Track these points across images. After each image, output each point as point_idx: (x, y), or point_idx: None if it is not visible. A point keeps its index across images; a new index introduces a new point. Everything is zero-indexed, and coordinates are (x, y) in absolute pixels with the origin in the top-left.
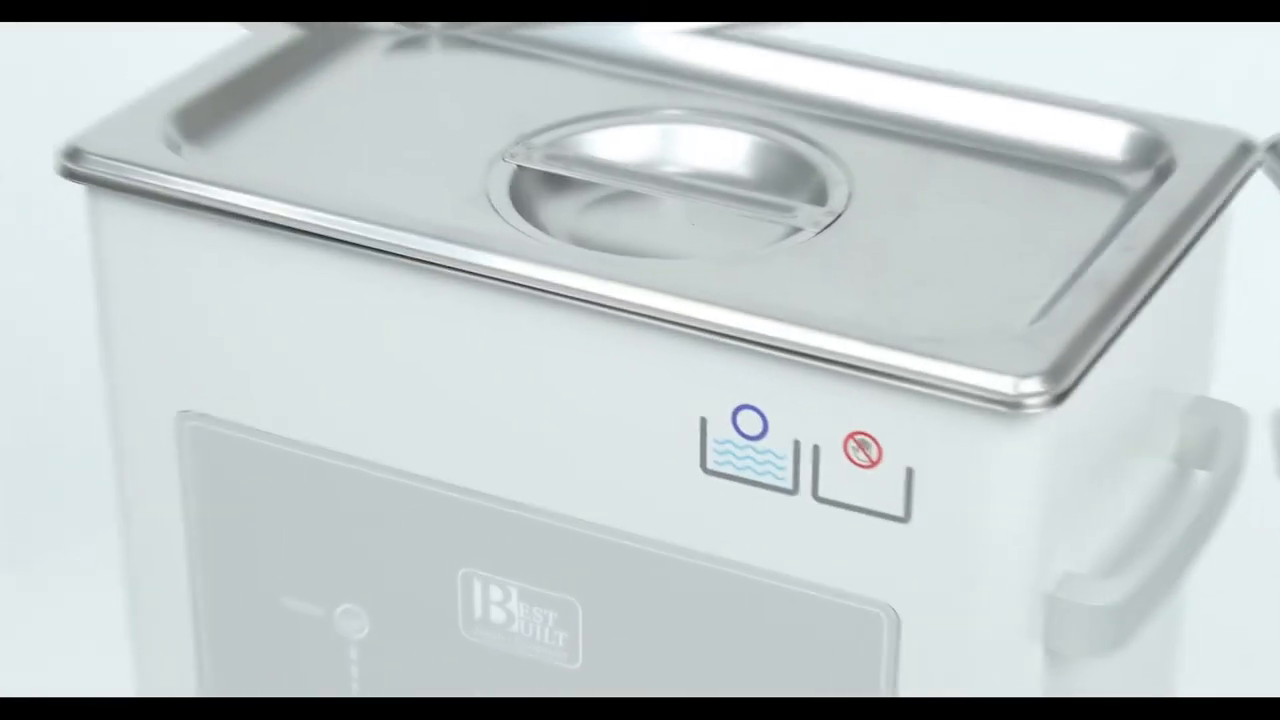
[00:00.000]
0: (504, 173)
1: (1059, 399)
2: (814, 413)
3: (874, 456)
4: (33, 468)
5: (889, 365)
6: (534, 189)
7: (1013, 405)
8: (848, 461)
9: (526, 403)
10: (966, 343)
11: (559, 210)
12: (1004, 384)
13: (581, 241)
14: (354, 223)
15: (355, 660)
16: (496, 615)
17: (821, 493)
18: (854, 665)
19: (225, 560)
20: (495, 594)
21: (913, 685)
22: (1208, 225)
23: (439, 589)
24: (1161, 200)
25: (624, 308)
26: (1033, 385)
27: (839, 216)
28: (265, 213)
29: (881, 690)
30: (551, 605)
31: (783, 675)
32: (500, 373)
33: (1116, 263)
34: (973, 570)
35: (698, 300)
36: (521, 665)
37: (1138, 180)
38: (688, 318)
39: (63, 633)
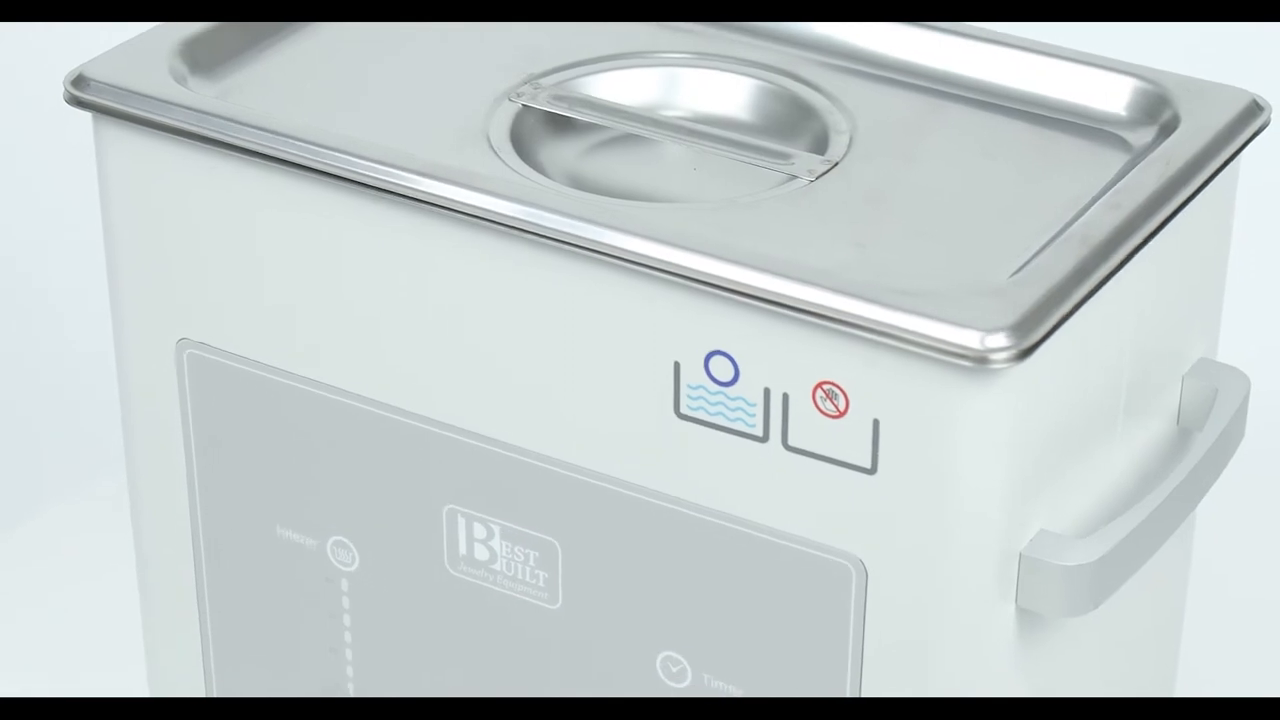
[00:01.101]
0: (508, 113)
1: (1025, 354)
2: (783, 361)
3: (841, 407)
4: (46, 403)
5: (856, 316)
6: (538, 130)
7: (978, 360)
8: (816, 411)
9: (508, 342)
10: (935, 296)
11: (561, 152)
12: (969, 338)
13: (580, 184)
14: (345, 158)
15: (346, 592)
16: (480, 553)
17: (791, 441)
18: (822, 615)
19: (223, 488)
20: (479, 531)
21: (880, 639)
22: (1205, 184)
23: (424, 525)
24: (1159, 158)
25: (599, 249)
26: (999, 340)
27: (835, 165)
28: (264, 146)
29: (850, 642)
30: (533, 545)
31: (754, 623)
32: (484, 311)
33: (1102, 219)
34: (940, 525)
35: (670, 244)
36: (504, 603)
37: (1142, 137)
38: (660, 261)
39: (73, 569)
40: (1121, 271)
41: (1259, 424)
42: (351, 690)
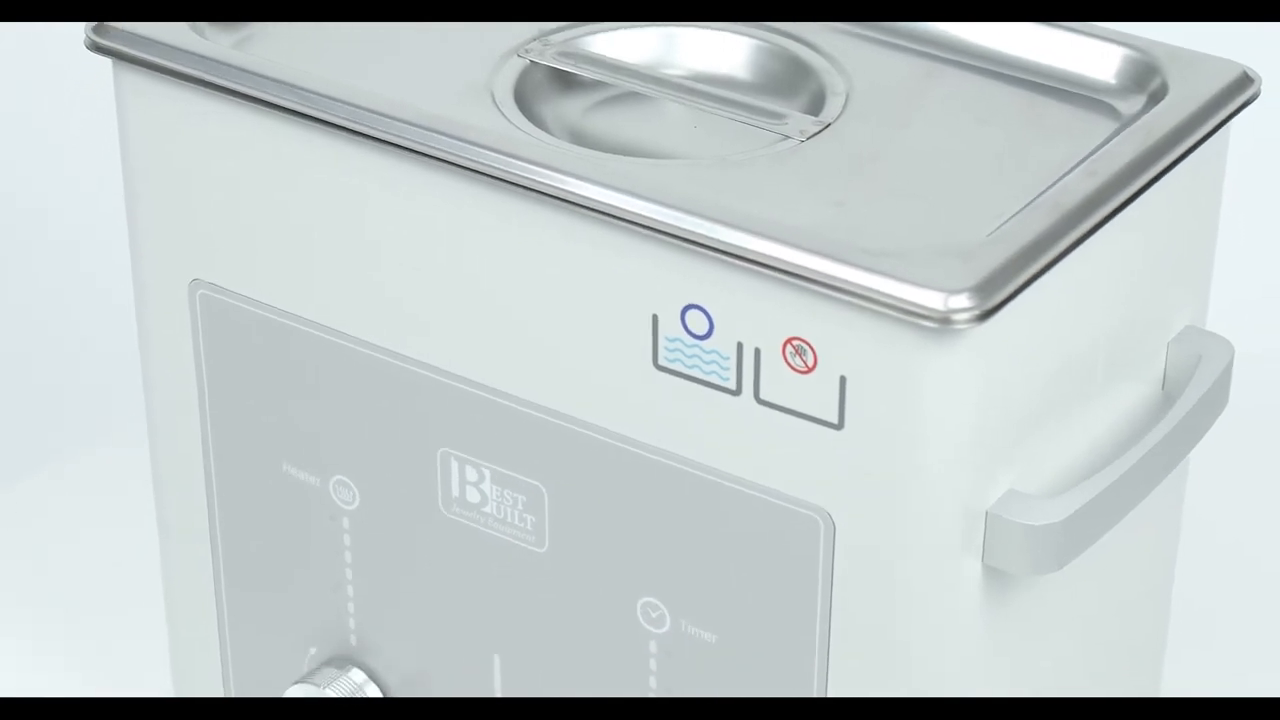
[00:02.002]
0: (515, 69)
1: (987, 315)
2: (755, 316)
3: (810, 363)
4: (73, 347)
5: (822, 274)
6: (543, 86)
7: (942, 320)
8: (786, 366)
9: (497, 290)
10: (902, 256)
11: (565, 108)
12: (933, 299)
13: (581, 140)
14: (347, 108)
15: (347, 530)
16: (472, 495)
17: (762, 395)
18: (792, 566)
19: (234, 426)
20: (470, 474)
21: (848, 590)
22: (1188, 153)
23: (420, 466)
24: (1142, 127)
25: (581, 202)
26: (961, 301)
27: (828, 126)
28: (273, 96)
29: (818, 593)
30: (521, 489)
31: (728, 572)
32: (474, 261)
33: (1076, 186)
34: (905, 481)
35: (646, 199)
36: (495, 545)
37: (1132, 105)
38: (636, 215)
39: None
40: (1094, 237)
41: (1253, 393)
42: (352, 625)
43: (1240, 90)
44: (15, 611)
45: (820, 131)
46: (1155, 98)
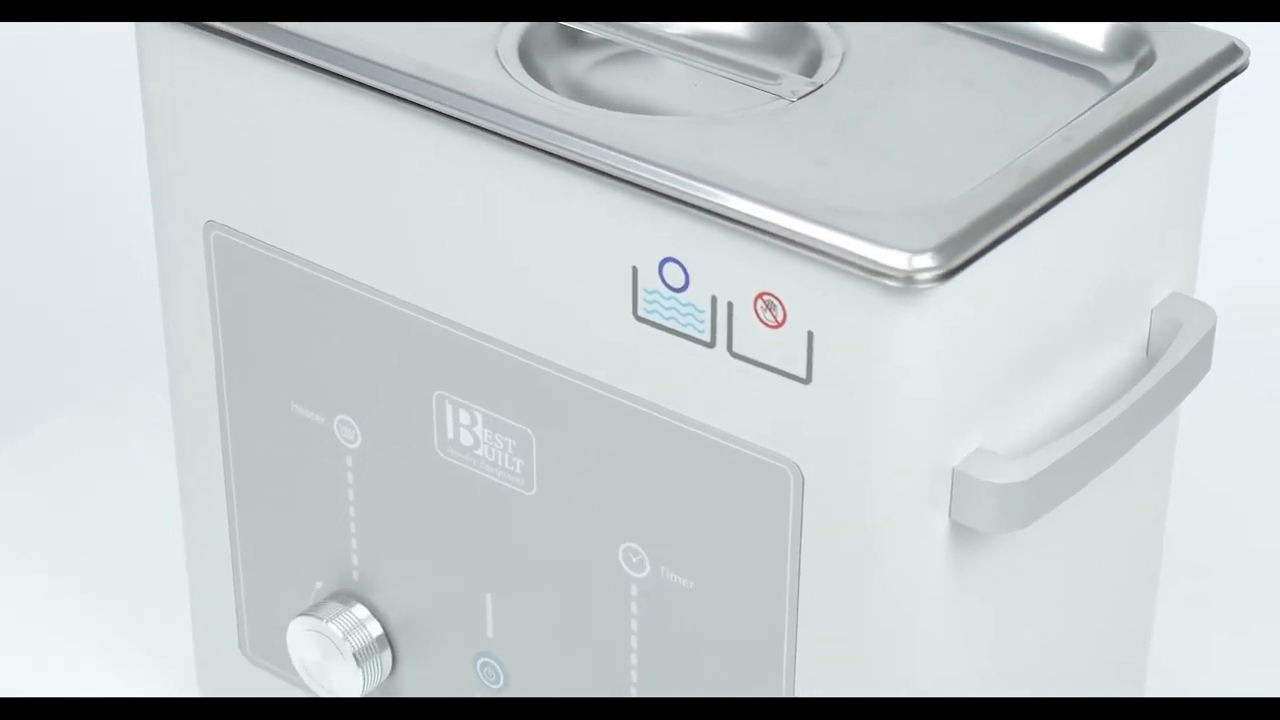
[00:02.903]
0: (520, 26)
1: (948, 275)
2: (728, 270)
3: (779, 318)
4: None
5: (791, 231)
6: (549, 44)
7: (905, 279)
8: (757, 321)
9: (489, 238)
10: (870, 216)
11: (570, 65)
12: (895, 258)
13: (582, 96)
14: (350, 59)
15: (350, 468)
16: (465, 438)
17: (735, 348)
18: (764, 517)
19: (246, 365)
20: (464, 418)
21: (818, 542)
22: (1168, 123)
23: (416, 408)
24: (1123, 95)
25: (565, 155)
26: (924, 261)
27: (820, 87)
28: (284, 48)
29: (789, 544)
30: (510, 433)
31: (704, 520)
32: (467, 210)
33: (1049, 152)
34: (870, 437)
35: (627, 154)
36: (487, 488)
37: (1120, 73)
38: (616, 169)
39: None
40: (1066, 203)
41: (1254, 361)
42: (355, 561)
43: (1228, 61)
44: (44, 548)
45: (811, 92)
46: (1143, 66)
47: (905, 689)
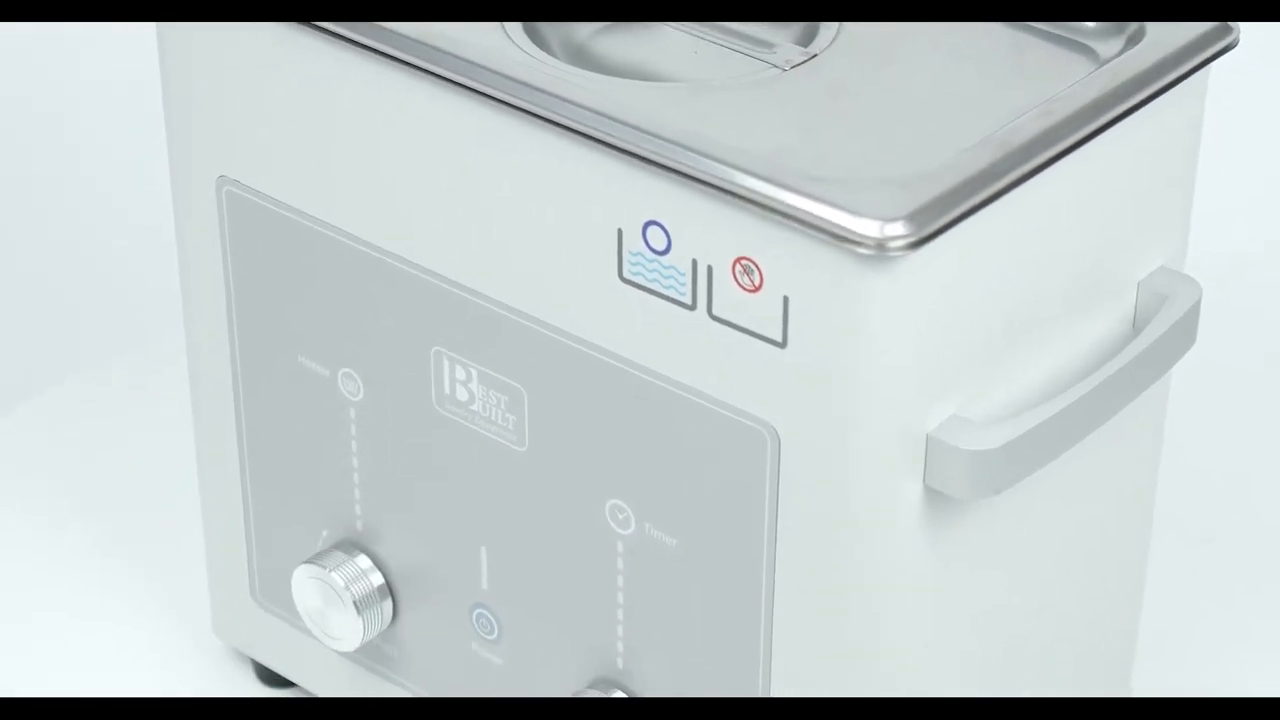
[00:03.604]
0: None
1: (919, 243)
2: (707, 234)
3: (756, 282)
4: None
5: (766, 197)
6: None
7: (876, 246)
8: (735, 285)
9: (483, 198)
10: (845, 184)
11: (573, 32)
12: (867, 225)
13: (582, 62)
14: (356, 23)
15: (353, 420)
16: (461, 393)
17: (715, 311)
18: (743, 477)
19: (256, 317)
20: (460, 373)
21: (794, 502)
22: (1153, 98)
23: (415, 363)
24: (1109, 70)
25: (552, 118)
26: (896, 229)
27: (813, 57)
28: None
29: (766, 504)
30: (503, 390)
31: (686, 479)
32: (464, 171)
33: (1028, 125)
34: (843, 401)
35: (610, 118)
36: (481, 443)
37: (1110, 48)
38: (602, 133)
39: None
40: (1044, 175)
41: (1246, 334)
42: (358, 511)
43: (1217, 39)
44: (68, 502)
45: (805, 62)
46: (1132, 41)
47: (883, 652)
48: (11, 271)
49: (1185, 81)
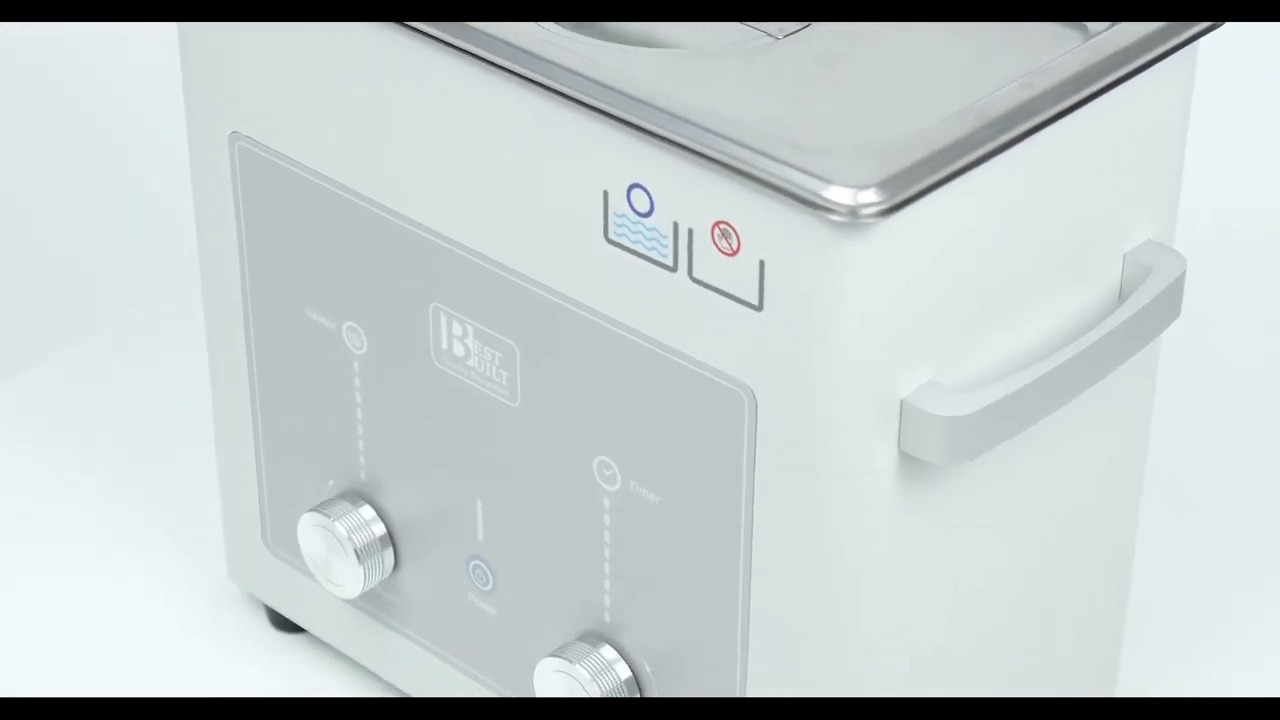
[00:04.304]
0: None
1: (891, 211)
2: (688, 198)
3: (734, 246)
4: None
5: (743, 162)
6: None
7: (849, 213)
8: (714, 248)
9: (478, 159)
10: (821, 151)
11: None
12: (839, 192)
13: (585, 29)
14: None
15: (357, 373)
16: (458, 349)
17: (695, 273)
18: (721, 437)
19: (266, 270)
20: (456, 329)
21: (771, 463)
22: (1137, 72)
23: (415, 317)
24: (1095, 44)
25: (544, 83)
26: (869, 196)
27: (807, 26)
28: None
29: (744, 464)
30: (497, 346)
31: (668, 438)
32: (462, 132)
33: (1008, 97)
34: (817, 365)
35: (598, 83)
36: (476, 398)
37: (1100, 23)
38: (588, 97)
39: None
40: (1022, 147)
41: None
42: (362, 462)
43: None
44: (89, 454)
45: (798, 31)
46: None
47: (861, 615)
48: (34, 228)
49: (1173, 56)
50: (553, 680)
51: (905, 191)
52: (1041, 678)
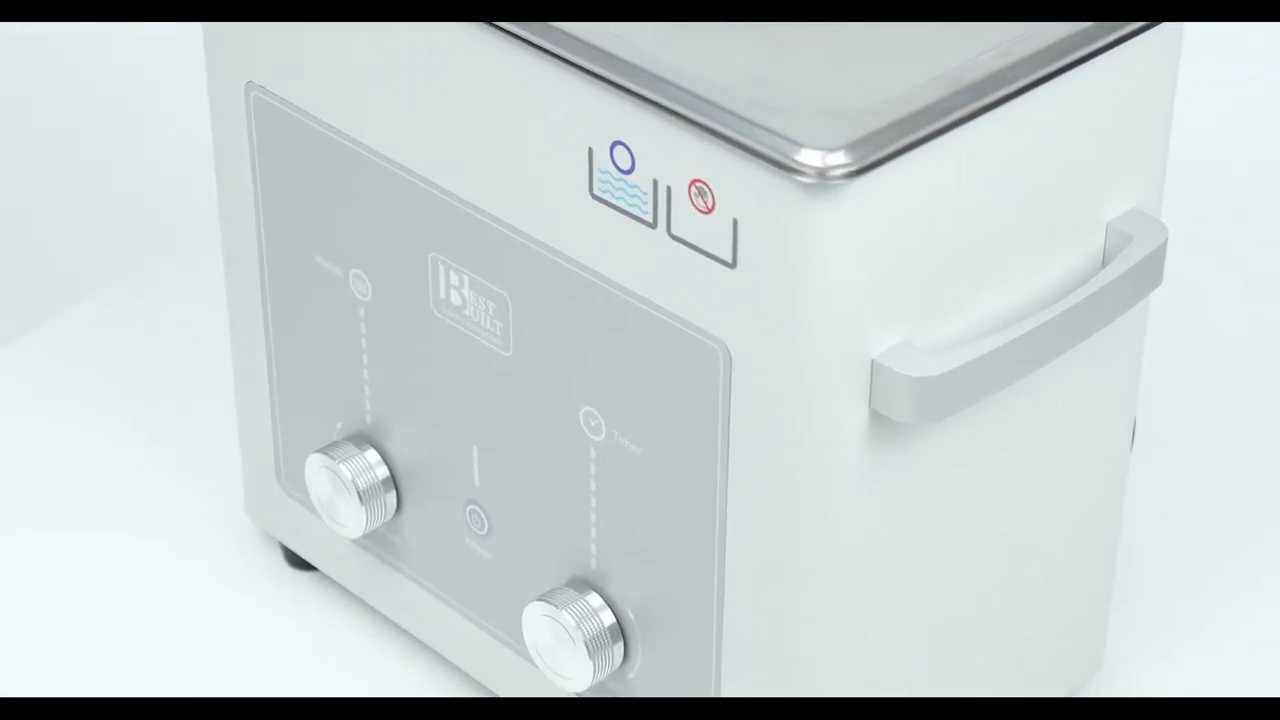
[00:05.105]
0: None
1: (859, 173)
2: (666, 156)
3: (709, 204)
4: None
5: (717, 123)
6: None
7: (818, 174)
8: (691, 206)
9: (475, 114)
10: (795, 114)
11: None
12: (807, 154)
13: None
14: None
15: (363, 319)
16: (455, 298)
17: (674, 230)
18: (698, 391)
19: (279, 217)
20: (454, 279)
21: (745, 418)
22: (1119, 43)
23: (415, 267)
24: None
25: (535, 41)
26: (838, 158)
27: None
28: None
29: (719, 418)
30: (491, 296)
31: (648, 390)
32: (460, 87)
33: (983, 64)
34: (787, 322)
35: (583, 42)
36: (473, 347)
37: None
38: (574, 55)
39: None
40: (998, 113)
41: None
42: (368, 406)
43: None
44: (115, 397)
45: None
46: None
47: (834, 570)
48: (58, 182)
49: (1157, 27)
50: (539, 624)
51: (874, 155)
52: (1025, 645)
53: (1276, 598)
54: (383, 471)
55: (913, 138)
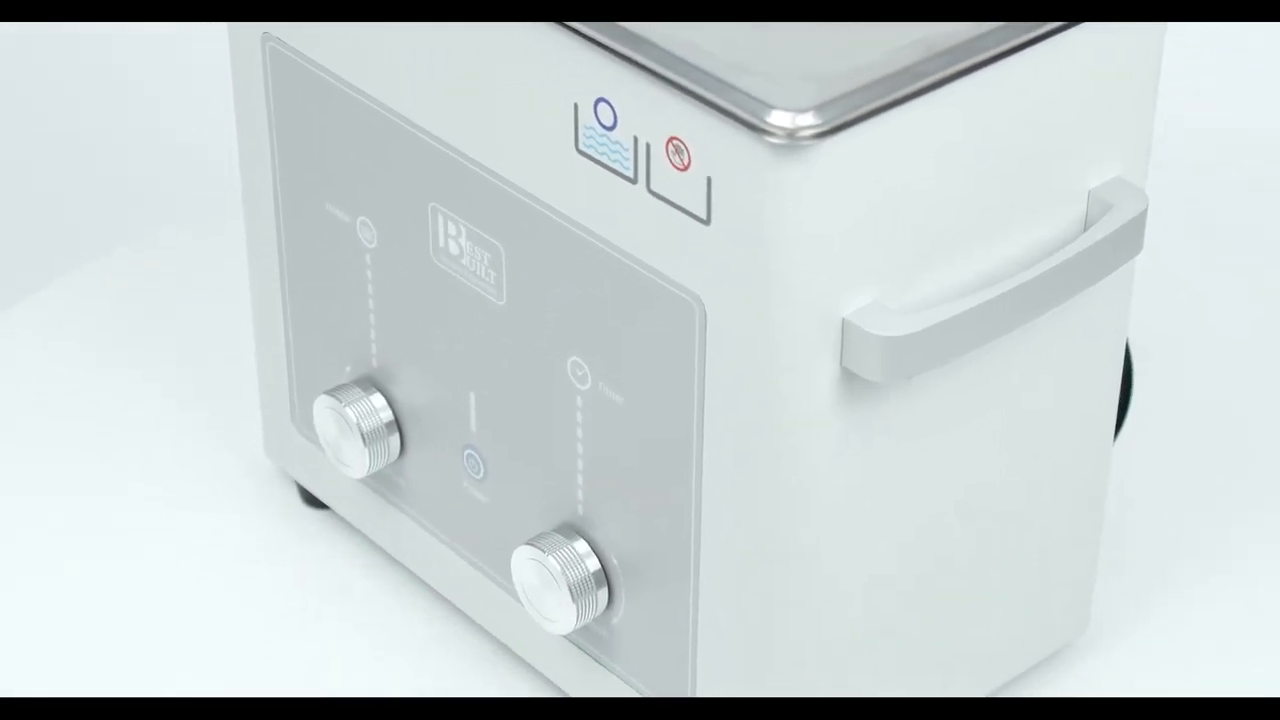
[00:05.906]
0: None
1: (827, 134)
2: (646, 114)
3: (685, 161)
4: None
5: (692, 83)
6: None
7: (787, 135)
8: (669, 162)
9: (470, 69)
10: (768, 76)
11: None
12: (777, 115)
13: None
14: None
15: (369, 266)
16: (453, 248)
17: (653, 186)
18: (675, 344)
19: (293, 166)
20: (451, 229)
21: (720, 371)
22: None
23: (416, 216)
24: None
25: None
26: (806, 119)
27: None
28: None
29: (695, 371)
30: (486, 247)
31: (629, 342)
32: (455, 41)
33: (960, 30)
34: (759, 280)
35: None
36: (469, 295)
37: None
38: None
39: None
40: (974, 78)
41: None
42: (374, 350)
43: None
44: (138, 344)
45: None
46: None
47: (815, 520)
48: (78, 141)
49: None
50: (527, 568)
51: (844, 116)
52: (1010, 605)
53: (1263, 565)
54: (387, 415)
55: (884, 101)
